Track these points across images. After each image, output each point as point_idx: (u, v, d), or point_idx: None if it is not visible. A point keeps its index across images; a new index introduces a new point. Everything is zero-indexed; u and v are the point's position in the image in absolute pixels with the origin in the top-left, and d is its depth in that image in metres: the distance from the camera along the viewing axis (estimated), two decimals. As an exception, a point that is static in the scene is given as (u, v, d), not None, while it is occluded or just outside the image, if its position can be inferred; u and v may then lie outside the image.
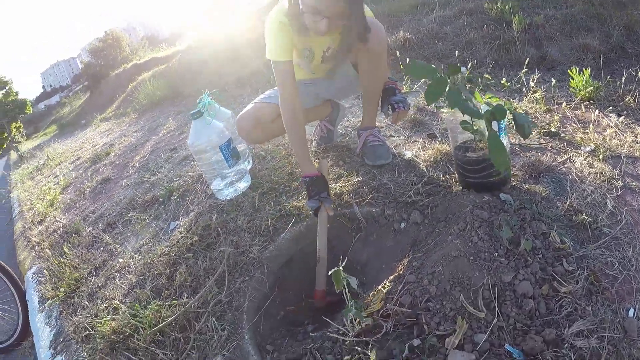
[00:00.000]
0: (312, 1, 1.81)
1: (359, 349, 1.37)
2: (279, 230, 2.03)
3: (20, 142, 16.85)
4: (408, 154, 2.33)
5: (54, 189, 5.07)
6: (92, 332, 1.96)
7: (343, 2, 1.80)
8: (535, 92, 2.76)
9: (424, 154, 2.30)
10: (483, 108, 1.65)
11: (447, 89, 1.55)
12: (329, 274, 1.41)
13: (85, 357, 1.86)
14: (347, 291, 1.38)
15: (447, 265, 1.43)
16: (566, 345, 1.21)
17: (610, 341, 1.20)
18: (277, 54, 2.05)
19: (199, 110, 2.35)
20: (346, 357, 1.38)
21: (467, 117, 1.66)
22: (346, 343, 1.43)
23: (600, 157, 1.99)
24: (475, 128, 1.68)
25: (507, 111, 1.63)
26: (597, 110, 2.41)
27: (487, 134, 1.56)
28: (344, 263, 1.39)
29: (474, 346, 1.24)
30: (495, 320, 1.29)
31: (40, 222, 4.12)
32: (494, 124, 1.63)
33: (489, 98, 1.69)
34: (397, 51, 4.12)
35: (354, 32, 2.01)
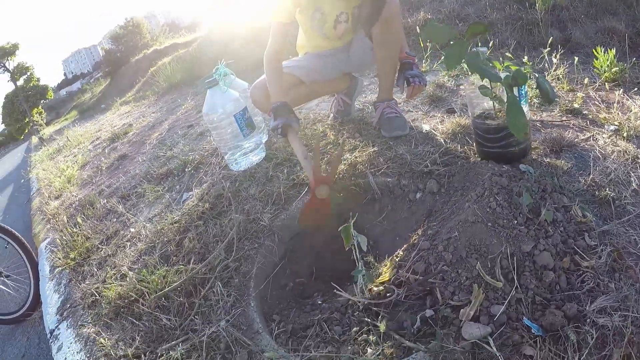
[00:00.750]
0: None
1: (368, 320, 1.33)
2: (291, 199, 1.99)
3: (42, 125, 17.06)
4: (426, 127, 2.27)
5: (72, 167, 5.10)
6: (99, 297, 1.95)
7: None
8: (557, 69, 2.67)
9: (442, 127, 2.23)
10: (504, 76, 1.58)
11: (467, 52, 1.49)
12: (339, 230, 1.35)
13: (89, 322, 1.85)
14: (356, 252, 1.32)
15: (463, 232, 1.36)
16: (588, 321, 1.13)
17: (634, 322, 1.12)
18: (274, 13, 2.14)
19: (214, 78, 2.32)
20: (355, 329, 1.33)
21: (486, 83, 1.58)
22: (355, 314, 1.38)
23: (625, 135, 1.90)
24: (494, 94, 1.60)
25: (529, 77, 1.56)
26: (621, 91, 2.31)
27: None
28: (354, 219, 1.34)
29: (490, 318, 1.18)
30: (513, 292, 1.22)
31: (57, 198, 4.15)
32: (514, 91, 1.56)
33: (508, 65, 1.61)
34: (417, 27, 4.04)
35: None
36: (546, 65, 2.84)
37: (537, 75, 1.64)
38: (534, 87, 2.25)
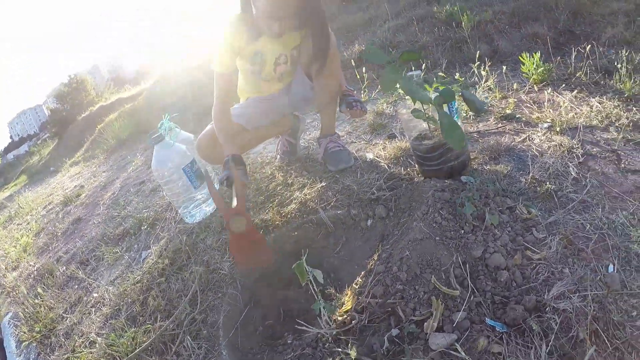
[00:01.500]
0: (265, 6, 1.87)
1: (339, 349, 1.35)
2: (250, 244, 2.00)
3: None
4: (369, 156, 2.34)
5: (27, 234, 4.95)
6: (70, 369, 1.91)
7: (295, 3, 1.87)
8: (487, 79, 2.81)
9: (384, 153, 2.31)
10: (434, 96, 1.68)
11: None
12: (292, 267, 1.37)
13: (63, 396, 1.80)
14: (314, 286, 1.36)
15: (414, 250, 1.43)
16: (548, 309, 1.20)
17: (594, 299, 1.18)
18: (216, 64, 2.14)
19: (160, 134, 2.34)
20: (328, 360, 1.36)
21: (418, 105, 1.68)
22: (326, 346, 1.40)
23: (558, 130, 2.02)
24: (427, 115, 1.70)
25: (455, 93, 1.66)
26: (550, 90, 2.45)
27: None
28: (305, 255, 1.37)
29: (454, 326, 1.23)
30: (471, 297, 1.28)
31: (14, 269, 4.01)
32: (446, 109, 1.66)
33: (437, 85, 1.71)
34: (353, 60, 4.18)
35: (314, 39, 2.11)
36: (476, 78, 2.99)
37: (460, 91, 1.75)
38: (464, 101, 2.38)
